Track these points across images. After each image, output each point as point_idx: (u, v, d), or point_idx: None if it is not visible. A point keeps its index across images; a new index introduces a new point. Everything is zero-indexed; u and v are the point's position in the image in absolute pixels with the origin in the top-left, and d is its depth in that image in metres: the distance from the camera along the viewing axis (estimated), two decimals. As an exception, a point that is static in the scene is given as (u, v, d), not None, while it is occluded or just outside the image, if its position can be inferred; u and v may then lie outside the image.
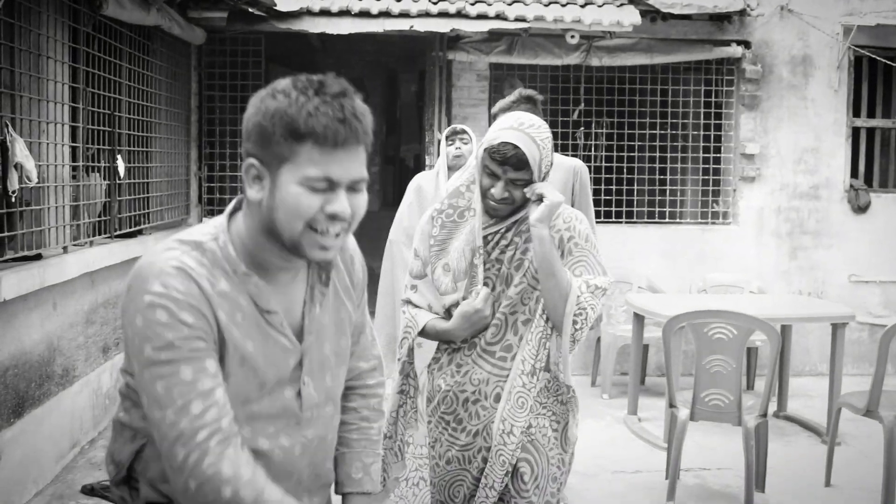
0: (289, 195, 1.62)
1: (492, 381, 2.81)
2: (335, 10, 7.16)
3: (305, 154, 1.61)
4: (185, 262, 1.64)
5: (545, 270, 2.70)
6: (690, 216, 8.32)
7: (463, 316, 2.79)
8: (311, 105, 1.59)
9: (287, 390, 1.77)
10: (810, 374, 8.00)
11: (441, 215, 2.91)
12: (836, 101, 8.02)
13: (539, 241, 2.69)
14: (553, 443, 2.83)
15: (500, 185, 2.72)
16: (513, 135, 2.68)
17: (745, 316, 4.81)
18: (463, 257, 2.83)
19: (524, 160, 2.67)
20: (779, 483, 5.15)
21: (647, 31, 7.64)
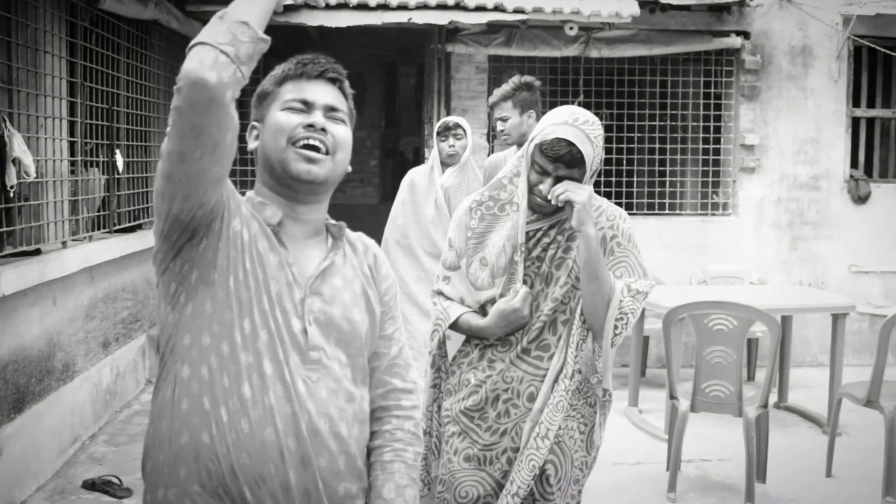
0: (272, 120, 1.83)
1: (526, 381, 2.72)
2: (333, 3, 7.13)
3: (286, 89, 1.85)
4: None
5: (589, 273, 2.60)
6: (690, 207, 8.31)
7: (500, 314, 2.69)
8: (295, 62, 1.88)
9: (294, 321, 1.78)
10: (811, 364, 8.00)
11: (481, 207, 2.81)
12: (836, 91, 8.01)
13: (586, 242, 2.58)
14: (579, 445, 2.76)
15: (549, 182, 2.61)
16: (568, 131, 2.56)
17: (746, 307, 4.81)
18: (503, 253, 2.72)
19: (578, 158, 2.56)
20: (780, 474, 5.15)
21: (646, 22, 7.62)
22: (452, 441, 2.78)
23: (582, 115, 2.61)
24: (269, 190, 1.85)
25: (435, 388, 2.92)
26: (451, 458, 2.77)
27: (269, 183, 1.85)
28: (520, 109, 4.59)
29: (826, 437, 5.39)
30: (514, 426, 2.71)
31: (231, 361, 1.71)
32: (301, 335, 1.77)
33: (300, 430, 1.71)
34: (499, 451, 2.72)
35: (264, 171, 1.85)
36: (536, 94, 4.64)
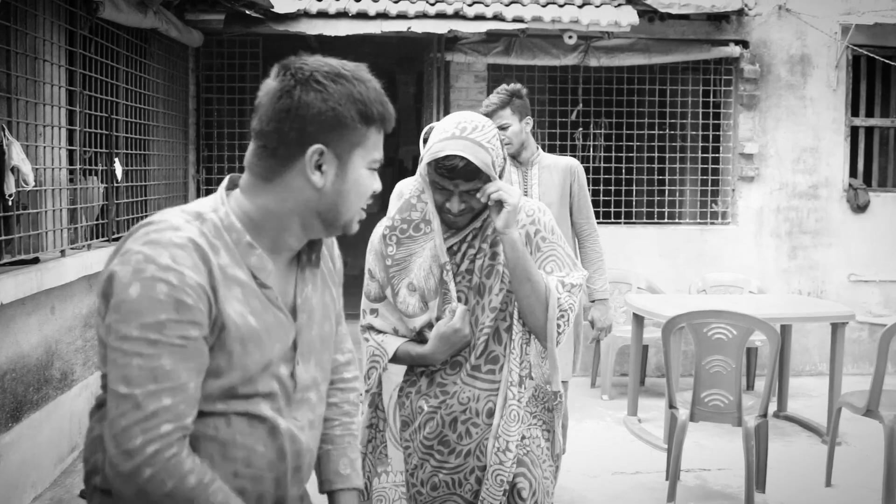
0: (361, 178, 1.70)
1: (482, 398, 2.60)
2: (332, 12, 7.16)
3: (373, 138, 1.70)
4: (194, 234, 1.58)
5: (520, 275, 2.49)
6: (689, 216, 8.31)
7: (441, 338, 2.56)
8: (372, 92, 1.67)
9: (282, 368, 1.71)
10: (810, 373, 7.99)
11: (395, 232, 2.64)
12: (835, 100, 8.02)
13: (511, 245, 2.47)
14: (546, 454, 2.68)
15: (456, 200, 2.50)
16: (457, 145, 2.43)
17: (745, 316, 4.80)
18: (431, 275, 2.58)
19: (474, 170, 2.44)
20: (779, 483, 5.14)
21: (645, 32, 7.64)
22: (417, 473, 2.65)
23: (469, 123, 2.49)
24: (294, 224, 1.70)
25: (371, 429, 2.72)
26: (420, 490, 2.65)
27: (294, 225, 1.70)
28: (518, 116, 4.49)
29: (825, 447, 5.38)
30: (478, 445, 2.60)
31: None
32: (289, 380, 1.74)
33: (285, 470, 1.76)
34: (466, 471, 2.61)
35: (311, 211, 1.69)
36: (527, 101, 4.58)
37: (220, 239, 1.62)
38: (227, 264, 1.62)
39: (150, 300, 1.50)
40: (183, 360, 1.53)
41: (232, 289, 1.61)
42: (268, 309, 1.67)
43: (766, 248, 8.02)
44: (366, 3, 7.19)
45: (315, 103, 1.61)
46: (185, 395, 1.53)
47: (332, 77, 1.63)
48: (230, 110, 7.80)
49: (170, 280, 1.51)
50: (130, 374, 1.50)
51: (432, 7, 7.15)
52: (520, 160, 4.54)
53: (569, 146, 7.91)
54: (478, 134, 2.47)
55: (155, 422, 1.50)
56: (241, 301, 1.62)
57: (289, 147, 1.63)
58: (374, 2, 7.24)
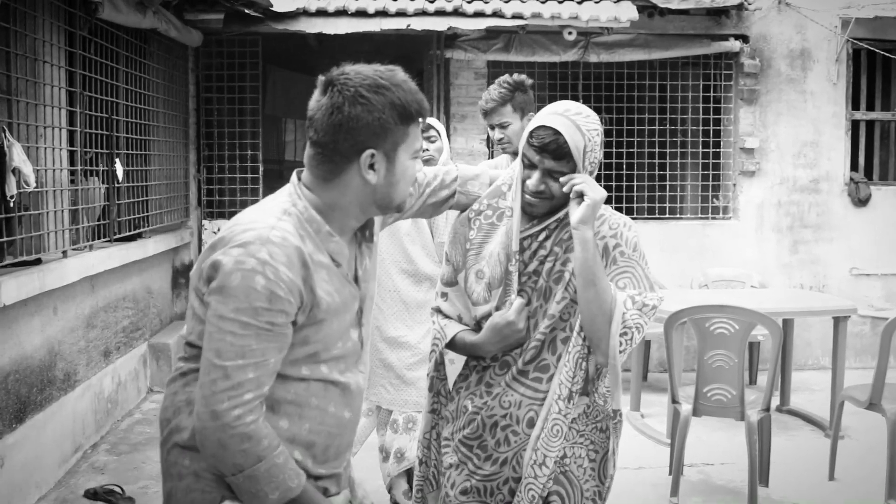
0: (407, 168, 2.00)
1: (524, 405, 2.50)
2: (332, 10, 7.15)
3: (413, 132, 1.98)
4: (288, 231, 1.87)
5: (586, 279, 2.37)
6: (690, 211, 8.31)
7: (493, 328, 2.48)
8: (408, 93, 1.94)
9: (352, 332, 2.04)
10: (812, 367, 7.99)
11: (479, 217, 2.57)
12: (835, 94, 8.01)
13: (581, 244, 2.37)
14: (590, 474, 2.55)
15: (537, 176, 2.40)
16: (555, 119, 2.37)
17: (747, 310, 4.80)
18: (498, 263, 2.51)
19: (564, 148, 2.35)
20: (782, 477, 5.14)
21: (645, 27, 7.63)
22: (450, 473, 2.60)
23: (575, 107, 2.43)
24: (357, 211, 2.00)
25: (433, 414, 2.71)
26: (448, 493, 2.59)
27: (357, 211, 2.00)
28: (520, 113, 4.18)
29: (828, 440, 5.38)
30: (515, 455, 2.51)
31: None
32: (358, 341, 2.06)
33: (356, 415, 2.10)
34: (500, 481, 2.53)
35: (369, 201, 1.98)
36: (531, 95, 4.27)
37: (303, 230, 1.91)
38: (313, 251, 1.91)
39: (247, 289, 1.79)
40: (268, 341, 1.82)
41: (319, 272, 1.90)
42: (344, 285, 1.98)
43: (767, 243, 8.02)
44: (365, 0, 7.18)
45: (363, 116, 1.89)
46: (266, 370, 1.83)
47: (374, 90, 1.90)
48: (230, 109, 7.80)
49: (266, 274, 1.79)
50: (223, 348, 1.80)
51: (431, 4, 7.14)
52: None
53: (569, 142, 7.89)
54: (579, 118, 2.40)
55: (240, 391, 1.79)
56: (327, 281, 1.92)
57: (344, 154, 1.92)
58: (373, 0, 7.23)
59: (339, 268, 1.97)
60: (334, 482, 2.04)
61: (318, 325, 1.91)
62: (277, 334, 1.83)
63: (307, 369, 1.93)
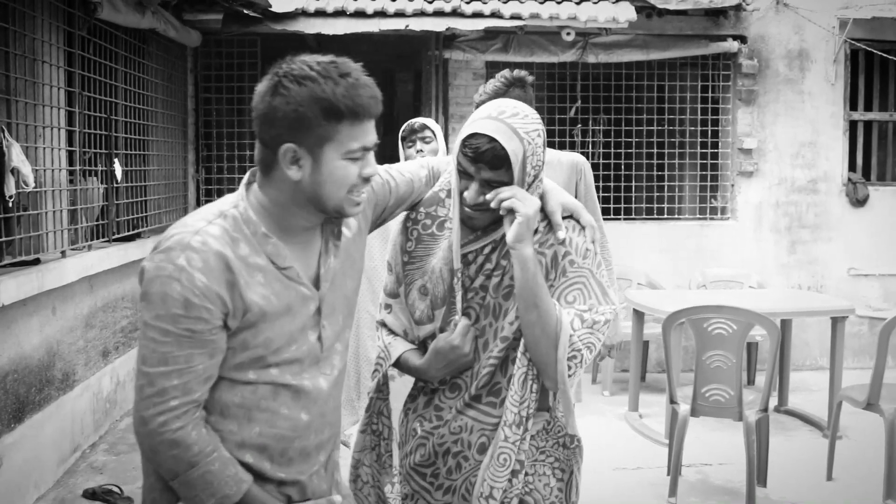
0: (336, 169, 1.84)
1: (476, 430, 2.30)
2: (330, 11, 7.15)
3: (345, 131, 1.82)
4: (212, 235, 1.80)
5: (526, 301, 2.17)
6: (689, 212, 8.32)
7: (437, 352, 2.28)
8: (341, 88, 1.79)
9: (310, 334, 1.94)
10: (810, 368, 8.00)
11: (417, 226, 2.36)
12: (833, 94, 8.02)
13: (520, 264, 2.16)
14: (556, 495, 2.36)
15: (475, 187, 2.17)
16: (489, 125, 2.14)
17: (745, 311, 4.81)
18: (441, 280, 2.30)
19: (501, 156, 2.13)
20: (780, 477, 5.15)
21: (643, 27, 7.64)
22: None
23: (511, 108, 2.20)
24: (299, 210, 1.89)
25: (373, 435, 2.49)
26: None
27: (300, 210, 1.89)
28: None
29: (826, 441, 5.39)
30: (464, 482, 2.32)
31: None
32: (316, 343, 1.96)
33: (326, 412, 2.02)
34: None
35: (301, 199, 1.87)
36: (530, 93, 3.99)
37: (240, 232, 1.84)
38: (248, 254, 1.84)
39: (164, 296, 1.76)
40: (191, 347, 1.77)
41: (254, 275, 1.84)
42: (289, 287, 1.89)
43: (765, 243, 8.03)
44: (364, 1, 7.19)
45: (281, 107, 1.79)
46: (193, 375, 1.79)
47: (298, 80, 1.78)
48: (229, 110, 7.80)
49: (182, 280, 1.75)
50: (147, 354, 1.78)
51: (430, 5, 7.15)
52: None
53: (568, 143, 7.91)
54: (516, 120, 2.17)
55: (165, 397, 1.77)
56: (263, 285, 1.84)
57: (269, 147, 1.84)
58: (371, 0, 7.23)
59: (284, 269, 1.88)
60: (298, 490, 1.97)
61: (255, 329, 1.84)
62: (200, 340, 1.78)
63: (254, 373, 1.87)
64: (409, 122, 4.47)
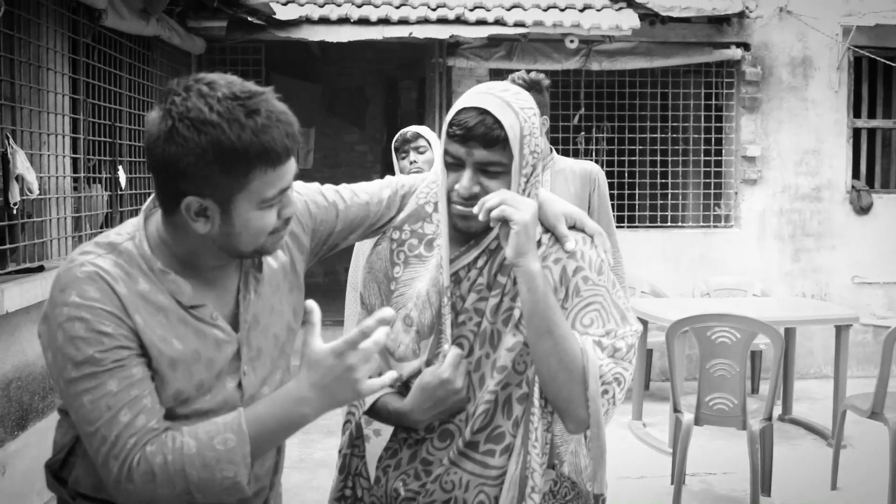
0: (250, 220, 1.59)
1: (473, 486, 1.89)
2: (334, 18, 7.17)
3: (258, 179, 1.55)
4: (99, 266, 1.58)
5: (537, 327, 1.79)
6: (692, 219, 8.31)
7: (424, 390, 1.87)
8: (248, 133, 1.51)
9: (228, 382, 1.69)
10: (815, 376, 7.98)
11: (403, 248, 1.99)
12: (837, 101, 8.02)
13: (527, 282, 1.78)
14: None
15: (468, 175, 1.80)
16: (479, 98, 1.81)
17: (749, 319, 4.80)
18: (428, 305, 1.92)
19: (496, 131, 1.77)
20: (785, 487, 5.14)
21: (646, 35, 7.65)
22: None
23: (501, 85, 1.90)
24: (207, 252, 1.65)
25: (344, 501, 2.05)
26: None
27: (208, 252, 1.65)
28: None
29: (831, 450, 5.38)
30: None
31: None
32: (236, 391, 1.71)
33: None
34: None
35: (211, 247, 1.63)
36: (546, 97, 3.79)
37: (136, 267, 1.61)
38: (148, 290, 1.61)
39: (73, 341, 1.54)
40: (126, 376, 1.56)
41: (155, 315, 1.60)
42: (197, 330, 1.65)
43: (769, 251, 8.02)
44: (367, 8, 7.20)
45: (178, 157, 1.52)
46: (140, 405, 1.57)
47: (196, 126, 1.50)
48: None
49: (82, 316, 1.54)
50: (86, 413, 1.56)
51: (434, 12, 7.16)
52: None
53: (571, 150, 7.91)
54: (510, 95, 1.84)
55: (120, 443, 1.55)
56: (164, 326, 1.61)
57: (167, 197, 1.60)
58: (375, 7, 7.25)
59: (193, 310, 1.64)
60: None
61: (159, 378, 1.60)
62: (131, 364, 1.56)
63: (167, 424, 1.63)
64: (401, 132, 4.11)
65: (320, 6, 7.31)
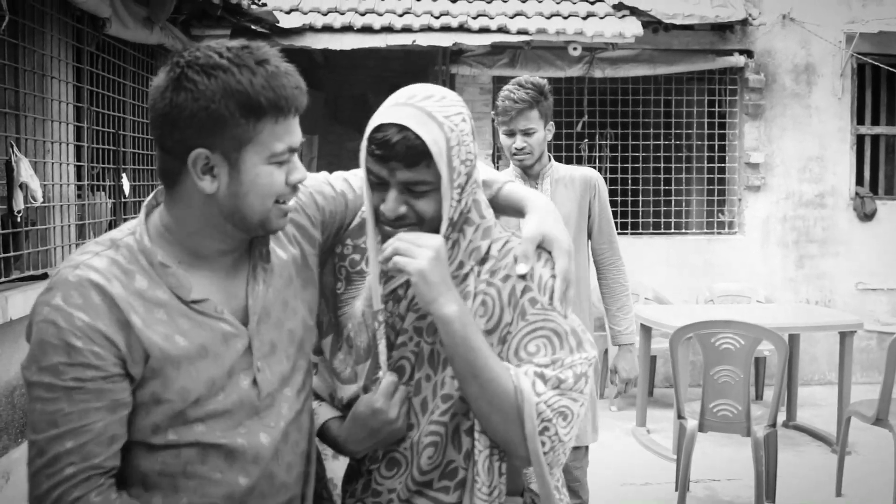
0: (259, 176, 1.52)
1: None
2: (338, 26, 7.19)
3: (268, 130, 1.51)
4: (92, 268, 1.50)
5: (461, 373, 1.65)
6: (696, 226, 8.31)
7: (356, 420, 1.73)
8: (260, 78, 1.48)
9: (242, 379, 1.60)
10: (819, 383, 7.96)
11: (344, 263, 1.86)
12: (840, 108, 8.02)
13: (442, 327, 1.63)
14: None
15: (393, 196, 1.65)
16: (396, 112, 1.64)
17: (753, 326, 4.80)
18: (364, 327, 1.79)
19: (417, 147, 1.61)
20: (789, 493, 5.12)
21: (650, 42, 7.65)
22: None
23: (422, 91, 1.69)
24: (213, 230, 1.58)
25: None
26: None
27: (214, 231, 1.58)
28: (545, 120, 3.68)
29: (835, 456, 5.36)
30: None
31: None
32: (251, 389, 1.62)
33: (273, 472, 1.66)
34: None
35: (216, 217, 1.56)
36: (550, 101, 3.78)
37: (135, 263, 1.54)
38: (146, 287, 1.53)
39: (42, 343, 1.48)
40: (85, 401, 1.47)
41: (155, 312, 1.53)
42: (202, 324, 1.57)
43: (773, 258, 8.01)
44: (371, 17, 7.22)
45: (186, 104, 1.47)
46: (91, 436, 1.48)
47: (206, 70, 1.47)
48: (236, 125, 7.82)
49: (57, 321, 1.47)
50: (35, 419, 1.49)
51: (437, 20, 7.17)
52: (530, 172, 3.74)
53: (574, 158, 7.92)
54: (430, 103, 1.66)
55: (58, 466, 1.47)
56: (165, 323, 1.53)
57: (173, 154, 1.53)
58: (378, 16, 7.27)
59: (193, 303, 1.55)
60: None
61: (163, 377, 1.52)
62: (94, 392, 1.47)
63: (174, 433, 1.54)
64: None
65: (323, 14, 7.33)
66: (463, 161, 1.67)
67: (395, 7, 7.42)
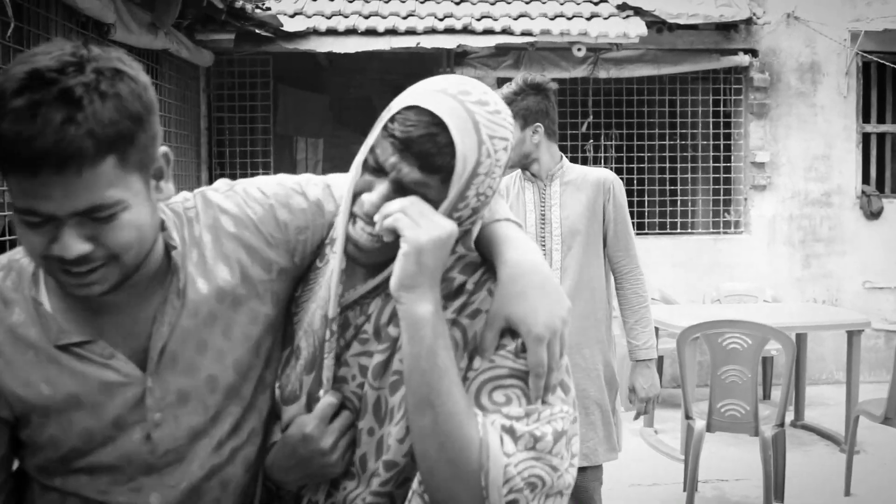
0: (18, 227, 1.20)
1: None
2: (342, 30, 7.20)
3: (12, 181, 1.14)
4: None
5: (416, 393, 1.27)
6: (702, 226, 8.30)
7: (285, 444, 1.42)
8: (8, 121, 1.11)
9: (134, 433, 1.35)
10: (827, 382, 7.94)
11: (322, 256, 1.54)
12: (846, 107, 8.00)
13: (408, 327, 1.28)
14: None
15: (380, 190, 1.32)
16: (439, 100, 1.30)
17: (760, 325, 4.79)
18: (312, 334, 1.46)
19: (445, 157, 1.29)
20: (798, 493, 5.11)
21: (654, 42, 7.65)
22: None
23: (479, 92, 1.34)
24: None
25: None
26: None
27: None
28: (521, 121, 3.42)
29: (844, 456, 5.35)
30: None
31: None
32: (143, 444, 1.36)
33: None
34: None
35: None
36: (548, 102, 3.49)
37: (19, 291, 1.33)
38: (21, 323, 1.32)
39: None
40: None
41: (23, 353, 1.31)
42: (74, 372, 1.32)
43: (779, 257, 8.00)
44: (375, 20, 7.23)
45: None
46: None
47: None
48: (242, 129, 7.84)
49: None
50: None
51: (441, 22, 7.18)
52: (532, 172, 3.58)
53: (580, 158, 7.92)
54: (483, 112, 1.32)
55: None
56: (33, 365, 1.31)
57: None
58: (382, 18, 7.28)
59: (76, 346, 1.32)
60: None
61: (32, 425, 1.33)
62: None
63: (59, 479, 1.36)
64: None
65: (328, 18, 7.34)
66: (479, 194, 1.33)
67: (398, 10, 7.43)
